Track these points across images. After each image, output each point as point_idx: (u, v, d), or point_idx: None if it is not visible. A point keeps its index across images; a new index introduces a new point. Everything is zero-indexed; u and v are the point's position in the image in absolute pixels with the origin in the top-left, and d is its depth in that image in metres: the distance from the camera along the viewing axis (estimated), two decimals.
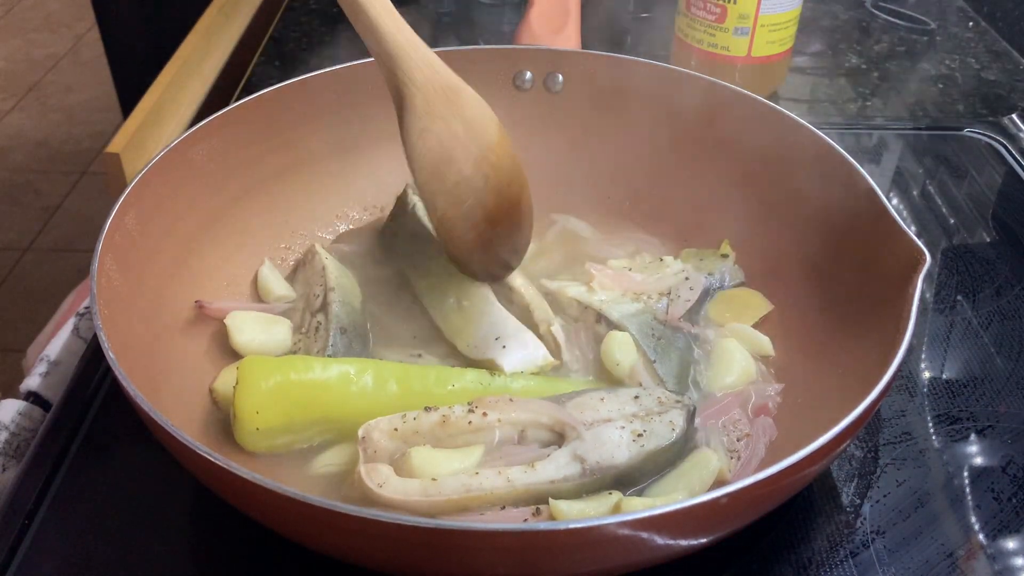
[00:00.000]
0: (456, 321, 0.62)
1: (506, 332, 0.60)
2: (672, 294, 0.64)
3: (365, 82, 0.71)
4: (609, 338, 0.60)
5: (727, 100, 0.68)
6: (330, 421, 0.53)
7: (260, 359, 0.53)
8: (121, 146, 0.80)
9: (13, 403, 0.64)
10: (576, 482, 0.49)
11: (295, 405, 0.52)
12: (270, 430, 0.52)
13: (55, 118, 2.59)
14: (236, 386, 0.52)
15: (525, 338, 0.60)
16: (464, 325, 0.61)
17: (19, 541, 0.53)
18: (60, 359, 0.68)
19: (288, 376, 0.52)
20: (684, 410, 0.54)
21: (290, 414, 0.52)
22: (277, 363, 0.53)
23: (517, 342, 0.59)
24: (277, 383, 0.52)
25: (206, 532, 0.54)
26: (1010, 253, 0.74)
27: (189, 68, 0.94)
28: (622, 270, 0.66)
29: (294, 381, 0.52)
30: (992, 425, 0.60)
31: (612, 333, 0.60)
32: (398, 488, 0.48)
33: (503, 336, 0.60)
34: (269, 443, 0.53)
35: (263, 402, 0.52)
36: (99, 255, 0.53)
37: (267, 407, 0.52)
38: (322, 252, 0.66)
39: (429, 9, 1.09)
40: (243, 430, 0.52)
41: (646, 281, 0.65)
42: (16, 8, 3.14)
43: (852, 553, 0.52)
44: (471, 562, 0.42)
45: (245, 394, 0.51)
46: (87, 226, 2.20)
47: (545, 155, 0.75)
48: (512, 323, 0.61)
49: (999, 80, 0.98)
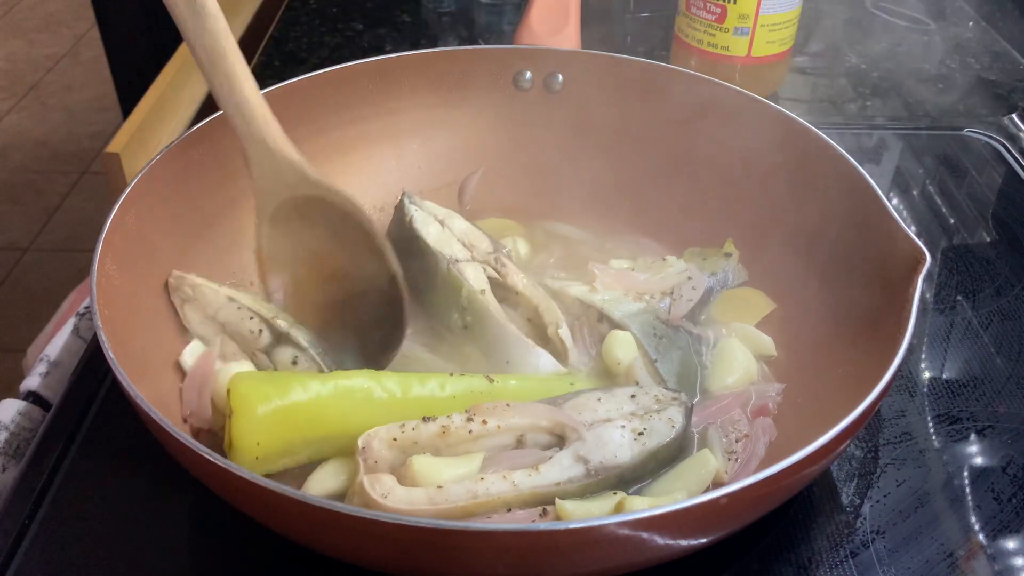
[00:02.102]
0: (463, 346, 0.61)
1: (514, 353, 0.59)
2: (675, 294, 0.64)
3: (365, 82, 0.71)
4: (611, 337, 0.60)
5: (727, 100, 0.68)
6: (330, 439, 0.52)
7: (251, 382, 0.51)
8: (121, 146, 0.80)
9: (13, 403, 0.64)
10: (581, 483, 0.49)
11: (296, 427, 0.51)
12: (269, 456, 0.51)
13: (55, 118, 2.59)
14: (231, 417, 0.50)
15: (533, 356, 0.59)
16: (471, 350, 0.61)
17: (19, 541, 0.53)
18: (60, 359, 0.68)
19: (288, 399, 0.50)
20: (682, 407, 0.54)
21: (290, 437, 0.51)
22: (273, 387, 0.51)
23: (526, 363, 0.59)
24: (276, 408, 0.50)
25: (206, 532, 0.54)
26: (1010, 253, 0.74)
27: (189, 68, 0.94)
28: (624, 270, 0.66)
29: (295, 403, 0.50)
30: (992, 425, 0.60)
31: (614, 332, 0.60)
32: (403, 498, 0.47)
33: (512, 358, 0.59)
34: (266, 468, 0.51)
35: (262, 431, 0.49)
36: (99, 255, 0.53)
37: (267, 435, 0.50)
38: (208, 284, 0.59)
39: (429, 9, 1.09)
40: (241, 460, 0.50)
41: (649, 281, 0.64)
42: (16, 8, 3.14)
43: (852, 553, 0.52)
44: (471, 562, 0.42)
45: (243, 424, 0.49)
46: (87, 226, 2.20)
47: (545, 155, 0.75)
48: (519, 341, 0.60)
49: (999, 80, 0.98)
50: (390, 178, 0.74)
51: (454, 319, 0.62)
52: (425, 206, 0.67)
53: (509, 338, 0.60)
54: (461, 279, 0.62)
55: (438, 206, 0.67)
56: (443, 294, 0.63)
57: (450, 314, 0.62)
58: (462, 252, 0.64)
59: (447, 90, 0.74)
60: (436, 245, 0.64)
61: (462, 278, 0.62)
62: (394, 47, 0.73)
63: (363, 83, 0.71)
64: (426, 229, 0.65)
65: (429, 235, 0.65)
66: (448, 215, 0.67)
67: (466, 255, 0.64)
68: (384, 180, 0.74)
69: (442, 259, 0.63)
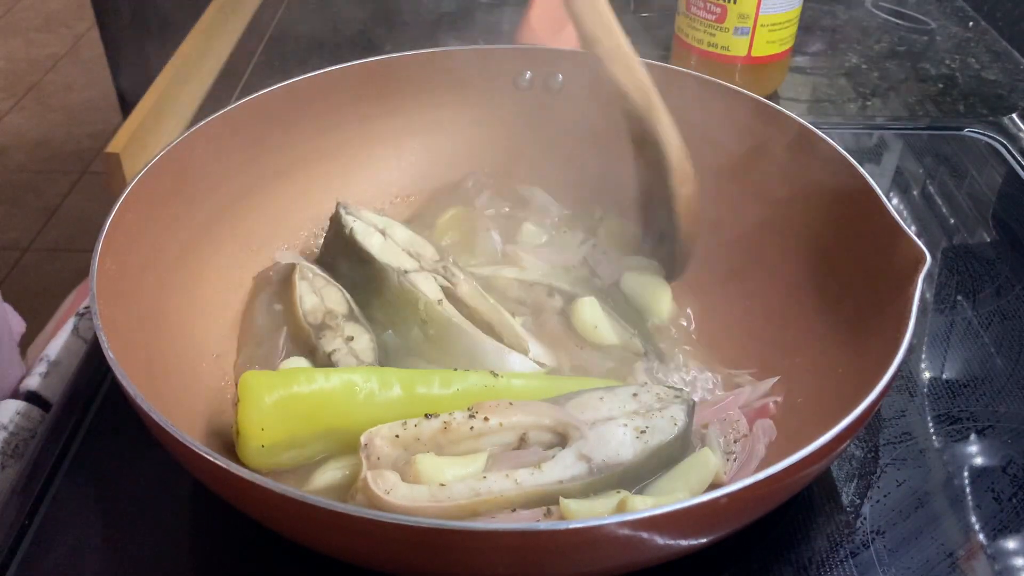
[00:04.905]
0: (429, 353, 0.59)
1: (490, 359, 0.58)
2: (590, 260, 0.67)
3: (365, 82, 0.71)
4: (577, 307, 0.62)
5: (727, 100, 0.68)
6: (335, 433, 0.53)
7: (260, 374, 0.52)
8: (121, 146, 0.80)
9: (12, 403, 0.64)
10: (584, 481, 0.49)
11: (300, 418, 0.51)
12: (275, 446, 0.51)
13: (55, 118, 2.59)
14: (238, 404, 0.51)
15: (510, 360, 0.59)
16: (439, 356, 0.59)
17: (19, 541, 0.53)
18: (60, 359, 0.68)
19: (291, 389, 0.51)
20: (684, 405, 0.54)
21: (295, 428, 0.51)
22: (279, 376, 0.52)
23: (503, 368, 0.58)
24: (281, 397, 0.51)
25: (206, 532, 0.54)
26: (1010, 253, 0.74)
27: (189, 68, 0.94)
28: (540, 246, 0.68)
29: (298, 394, 0.51)
30: (992, 425, 0.60)
31: (578, 301, 0.62)
32: (406, 495, 0.47)
33: (483, 361, 0.58)
34: (273, 460, 0.52)
35: (267, 418, 0.51)
36: (99, 255, 0.53)
37: (272, 423, 0.51)
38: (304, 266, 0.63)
39: (429, 9, 1.09)
40: (247, 447, 0.51)
41: (565, 251, 0.67)
42: (16, 8, 3.14)
43: (852, 553, 0.52)
44: (471, 562, 0.42)
45: (248, 411, 0.50)
46: (87, 226, 2.20)
47: (545, 155, 0.75)
48: (493, 347, 0.59)
49: (999, 80, 0.98)
50: (390, 178, 0.74)
51: (414, 333, 0.60)
52: (363, 216, 0.64)
53: (483, 345, 0.59)
54: (415, 291, 0.60)
55: (376, 215, 0.65)
56: (398, 308, 0.60)
57: (409, 329, 0.60)
58: (410, 262, 0.62)
59: (447, 90, 0.74)
60: (381, 257, 0.62)
61: (416, 290, 0.60)
62: (394, 47, 0.73)
63: (363, 83, 0.71)
64: (368, 241, 0.62)
65: (373, 247, 0.62)
66: (388, 224, 0.65)
67: (414, 264, 0.62)
68: (384, 179, 0.74)
69: (391, 271, 0.61)
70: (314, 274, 0.63)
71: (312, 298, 0.61)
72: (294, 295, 0.61)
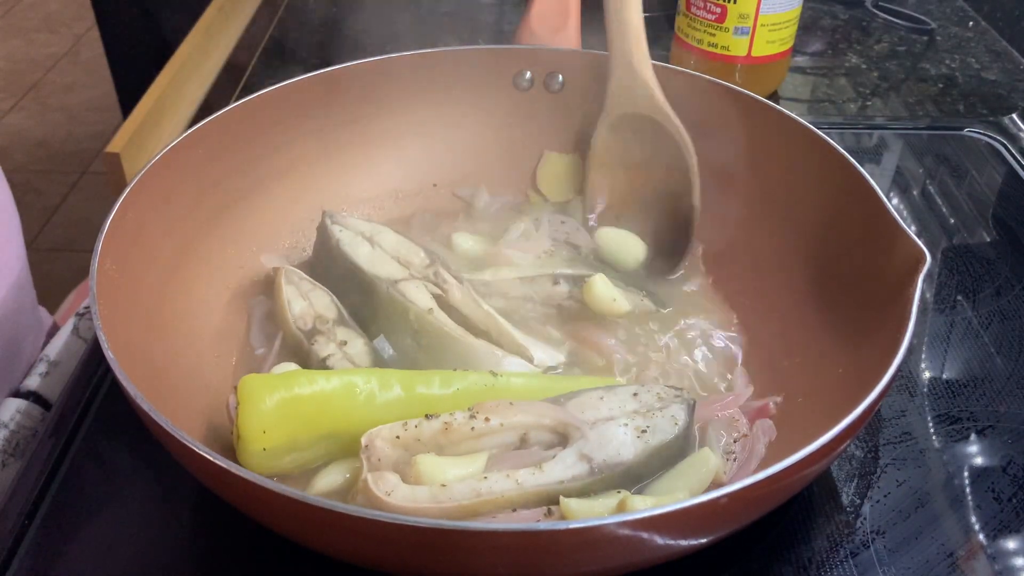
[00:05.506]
0: (424, 363, 0.58)
1: (479, 363, 0.58)
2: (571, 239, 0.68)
3: (365, 82, 0.71)
4: (590, 287, 0.63)
5: (727, 100, 0.68)
6: (336, 435, 0.52)
7: (259, 376, 0.52)
8: (121, 146, 0.80)
9: (13, 402, 0.64)
10: (585, 481, 0.49)
11: (301, 420, 0.51)
12: (276, 449, 0.51)
13: (55, 118, 2.59)
14: (238, 407, 0.51)
15: (502, 361, 0.58)
16: (434, 366, 0.58)
17: (19, 541, 0.53)
18: (60, 359, 0.68)
19: (292, 391, 0.51)
20: (684, 404, 0.54)
21: (296, 431, 0.51)
22: (279, 379, 0.52)
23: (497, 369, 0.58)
24: (282, 399, 0.51)
25: (206, 532, 0.54)
26: (1010, 253, 0.74)
27: (189, 68, 0.94)
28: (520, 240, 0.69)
29: (299, 395, 0.51)
30: (992, 425, 0.60)
31: (589, 281, 0.63)
32: (407, 495, 0.47)
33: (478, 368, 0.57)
34: (274, 464, 0.52)
35: (268, 420, 0.50)
36: (99, 255, 0.53)
37: (273, 425, 0.50)
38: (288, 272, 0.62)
39: (429, 9, 1.09)
40: (248, 451, 0.51)
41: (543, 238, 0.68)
42: (16, 8, 3.14)
43: (852, 553, 0.52)
44: (471, 562, 0.42)
45: (249, 414, 0.50)
46: (87, 226, 2.20)
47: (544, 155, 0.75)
48: (489, 354, 0.58)
49: (999, 80, 0.98)
50: (390, 177, 0.74)
51: (407, 344, 0.59)
52: (350, 224, 0.63)
53: (477, 352, 0.58)
54: (405, 301, 0.59)
55: (363, 221, 0.64)
56: (389, 319, 0.59)
57: (402, 340, 0.59)
58: (399, 271, 0.61)
59: (447, 90, 0.74)
60: (370, 268, 0.61)
61: (406, 300, 0.59)
62: (394, 47, 0.73)
63: (363, 83, 0.71)
64: (356, 252, 0.61)
65: (360, 257, 0.61)
66: (375, 230, 0.63)
67: (404, 273, 0.61)
68: (385, 179, 0.74)
69: (380, 282, 0.60)
70: (300, 278, 0.62)
71: (300, 302, 0.60)
72: (282, 300, 0.61)
